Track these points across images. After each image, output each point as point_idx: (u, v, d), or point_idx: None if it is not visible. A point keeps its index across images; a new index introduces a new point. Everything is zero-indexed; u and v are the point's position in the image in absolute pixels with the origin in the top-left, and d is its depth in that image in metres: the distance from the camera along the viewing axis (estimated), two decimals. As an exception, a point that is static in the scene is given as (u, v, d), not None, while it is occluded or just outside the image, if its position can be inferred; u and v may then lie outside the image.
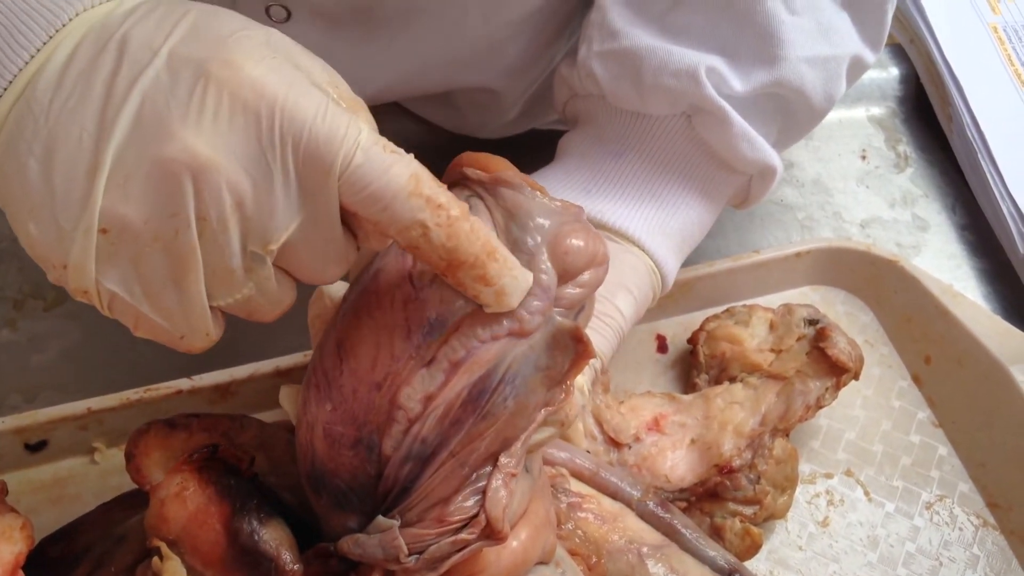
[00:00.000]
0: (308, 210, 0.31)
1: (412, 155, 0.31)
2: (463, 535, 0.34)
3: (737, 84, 0.49)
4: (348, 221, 0.32)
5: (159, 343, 0.34)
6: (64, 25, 0.30)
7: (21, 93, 0.30)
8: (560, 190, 0.52)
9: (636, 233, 0.50)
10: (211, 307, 0.32)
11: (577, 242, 0.35)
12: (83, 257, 0.30)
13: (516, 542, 0.37)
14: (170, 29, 0.30)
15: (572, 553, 0.44)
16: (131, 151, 0.29)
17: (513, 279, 0.32)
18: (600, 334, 0.49)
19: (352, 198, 0.31)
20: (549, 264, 0.34)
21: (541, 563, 0.40)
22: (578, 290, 0.35)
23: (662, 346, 0.60)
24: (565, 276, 0.35)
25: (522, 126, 0.69)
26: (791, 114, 0.52)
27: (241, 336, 0.60)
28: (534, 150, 0.69)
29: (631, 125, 0.51)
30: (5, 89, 0.30)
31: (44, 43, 0.30)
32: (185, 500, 0.39)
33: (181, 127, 0.29)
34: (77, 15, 0.31)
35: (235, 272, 0.31)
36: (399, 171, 0.30)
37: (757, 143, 0.50)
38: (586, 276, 0.36)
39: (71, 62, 0.30)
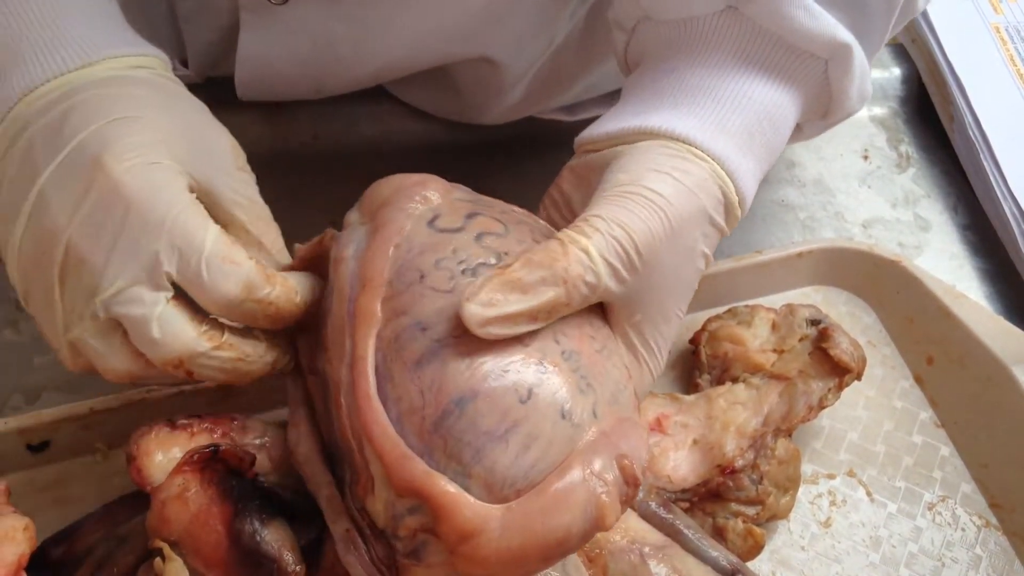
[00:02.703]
0: (144, 282, 0.38)
1: (251, 262, 0.39)
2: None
3: None
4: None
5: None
6: (36, 88, 0.39)
7: (10, 121, 0.39)
8: (612, 121, 0.46)
9: (687, 132, 0.43)
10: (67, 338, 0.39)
11: None
12: (10, 262, 0.40)
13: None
14: (94, 121, 0.38)
15: (573, 553, 0.44)
16: (33, 213, 0.38)
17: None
18: (634, 213, 0.41)
19: (196, 295, 0.38)
20: None
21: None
22: None
23: (664, 346, 0.60)
24: None
25: (523, 111, 0.69)
26: (866, 5, 0.46)
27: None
28: (534, 150, 0.69)
29: (679, 35, 0.47)
30: None
31: (18, 100, 0.39)
32: (187, 501, 0.39)
33: (57, 207, 0.38)
34: (46, 81, 0.40)
35: (83, 320, 0.39)
36: (232, 283, 0.38)
37: (816, 10, 0.44)
38: None
39: (32, 131, 0.39)
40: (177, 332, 0.38)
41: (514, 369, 0.35)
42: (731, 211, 0.44)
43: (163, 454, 0.41)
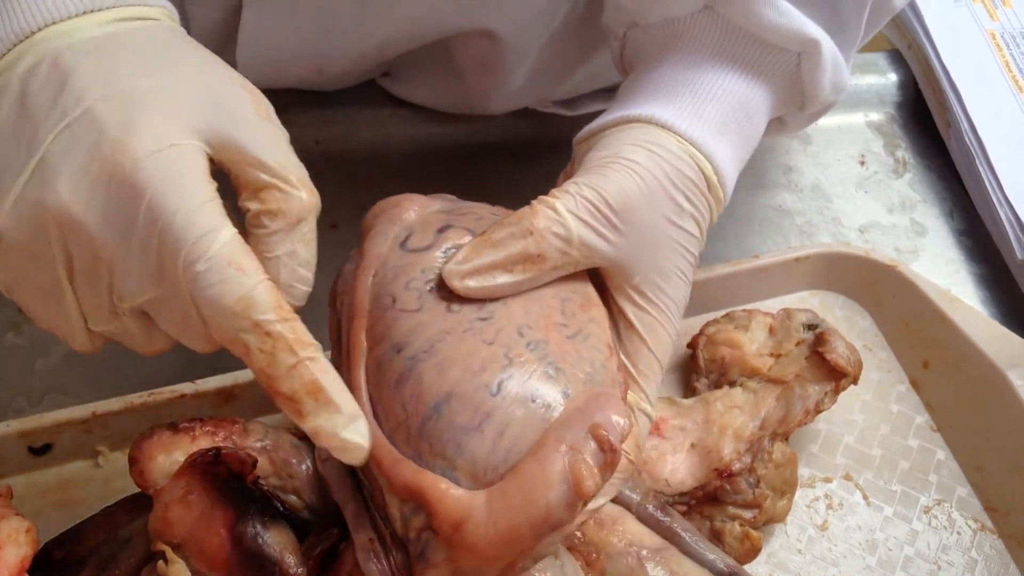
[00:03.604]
0: (164, 287, 0.34)
1: (263, 277, 0.34)
2: None
3: None
4: None
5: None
6: (33, 33, 0.35)
7: None
8: (601, 118, 0.49)
9: (665, 118, 0.46)
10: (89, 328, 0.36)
11: None
12: None
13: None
14: (108, 88, 0.34)
15: (571, 551, 0.44)
16: (30, 185, 0.33)
17: (328, 422, 0.34)
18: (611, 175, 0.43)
19: (192, 295, 0.34)
20: None
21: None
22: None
23: (662, 350, 0.60)
24: None
25: (525, 98, 0.69)
26: (837, 2, 0.48)
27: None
28: (535, 150, 0.69)
29: (663, 36, 0.50)
30: None
31: (13, 45, 0.35)
32: (189, 504, 0.39)
33: (63, 186, 0.33)
34: (45, 26, 0.35)
35: (102, 309, 0.36)
36: (230, 290, 0.33)
37: (783, 7, 0.46)
38: None
39: (26, 81, 0.34)
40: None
41: (481, 367, 0.37)
42: (713, 192, 0.46)
43: (165, 457, 0.41)
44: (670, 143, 0.45)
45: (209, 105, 0.36)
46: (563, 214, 0.41)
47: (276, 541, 0.39)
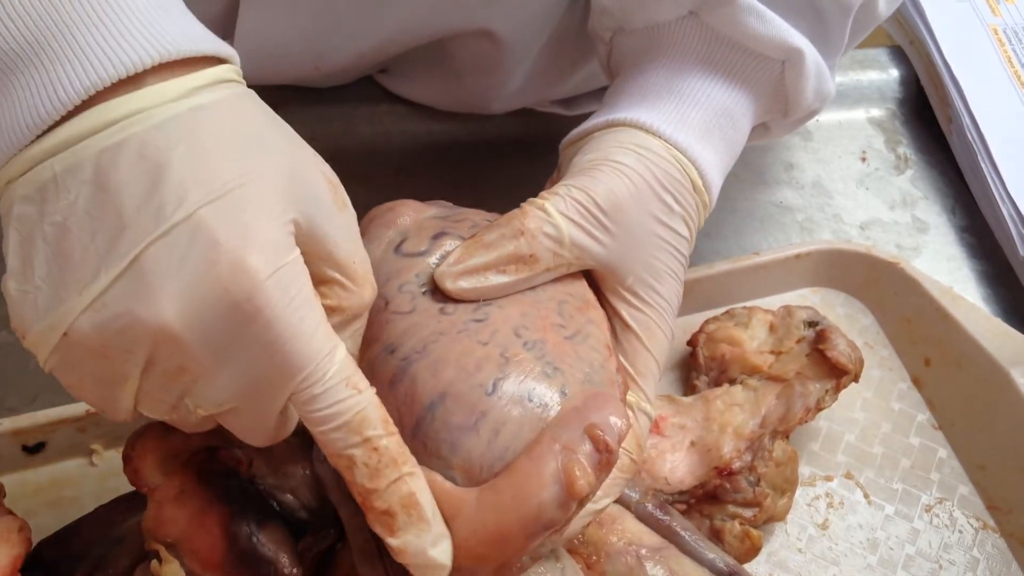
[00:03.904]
0: (251, 399, 0.33)
1: (373, 393, 0.33)
2: None
3: None
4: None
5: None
6: (102, 91, 0.30)
7: (65, 146, 0.30)
8: (587, 122, 0.49)
9: (651, 123, 0.46)
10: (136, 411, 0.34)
11: None
12: (40, 342, 0.31)
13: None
14: (210, 186, 0.30)
15: (571, 552, 0.44)
16: (117, 289, 0.30)
17: (417, 539, 0.34)
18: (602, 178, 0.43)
19: (300, 410, 0.33)
20: None
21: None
22: None
23: (662, 348, 0.60)
24: None
25: (524, 99, 0.69)
26: (820, 9, 0.49)
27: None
28: (533, 149, 0.69)
29: (648, 41, 0.50)
30: (63, 115, 0.30)
31: (80, 102, 0.30)
32: (183, 503, 0.39)
33: (168, 300, 0.30)
34: (117, 82, 0.30)
35: (165, 405, 0.34)
36: (347, 408, 0.33)
37: (768, 16, 0.47)
38: None
39: (108, 167, 0.30)
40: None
41: (476, 367, 0.37)
42: (700, 196, 0.46)
43: (160, 455, 0.40)
44: (656, 146, 0.45)
45: (299, 196, 0.33)
46: (553, 215, 0.41)
47: (271, 540, 0.39)
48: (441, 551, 0.34)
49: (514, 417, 0.36)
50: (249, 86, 0.36)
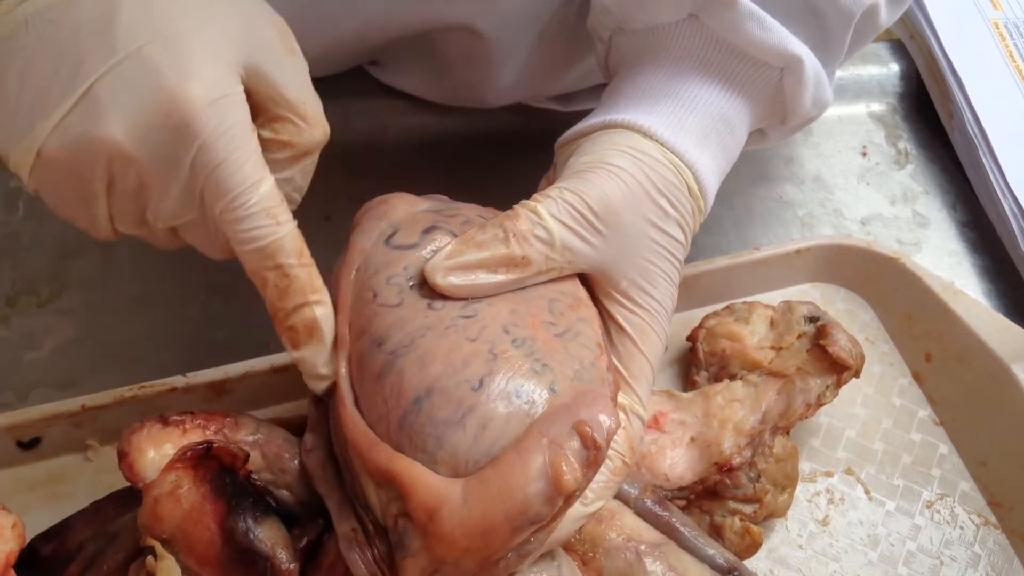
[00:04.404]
0: (199, 215, 0.38)
1: (292, 226, 0.38)
2: None
3: None
4: None
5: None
6: None
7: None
8: (583, 122, 0.49)
9: (648, 125, 0.46)
10: (114, 228, 0.39)
11: None
12: (20, 163, 0.36)
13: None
14: (157, 25, 0.35)
15: (567, 550, 0.44)
16: (75, 114, 0.35)
17: (312, 355, 0.40)
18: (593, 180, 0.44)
19: (225, 230, 0.38)
20: None
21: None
22: None
23: (661, 343, 0.60)
24: None
25: (518, 94, 0.69)
26: (820, 15, 0.49)
27: (236, 332, 0.60)
28: (529, 143, 0.69)
29: (647, 42, 0.50)
30: None
31: None
32: (179, 498, 0.38)
33: (116, 122, 0.35)
34: None
35: (133, 220, 0.39)
36: (263, 236, 0.38)
37: (769, 23, 0.47)
38: None
39: (67, 5, 0.35)
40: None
41: (463, 362, 0.37)
42: (695, 200, 0.46)
43: (155, 451, 0.40)
44: (652, 149, 0.45)
45: (245, 41, 0.37)
46: (545, 218, 0.41)
47: (268, 536, 0.38)
48: (328, 367, 0.40)
49: (501, 413, 0.36)
50: None
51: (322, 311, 0.39)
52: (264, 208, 0.37)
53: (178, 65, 0.35)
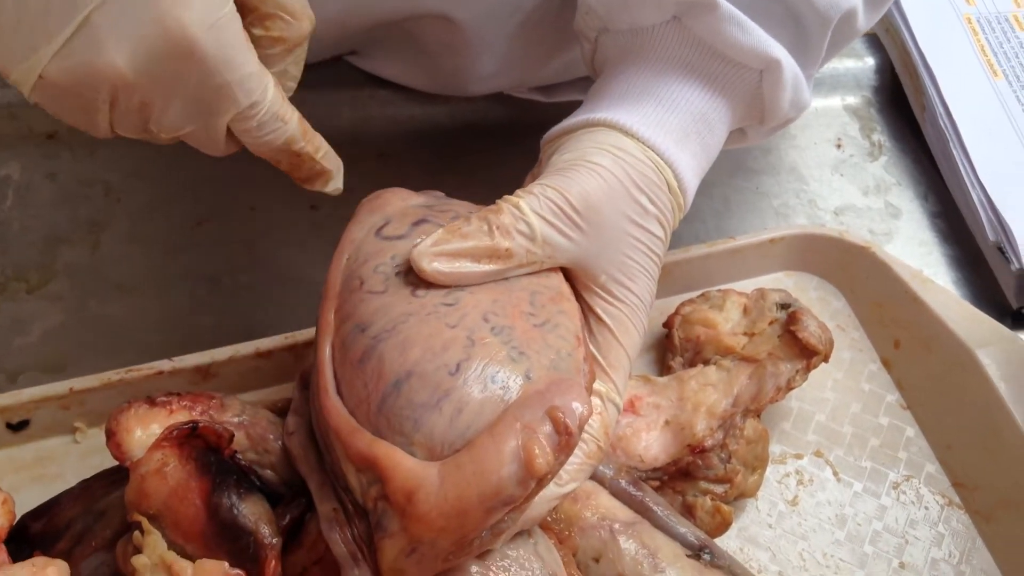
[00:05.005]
0: (201, 126, 0.41)
1: (296, 118, 0.42)
2: None
3: None
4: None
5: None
6: None
7: None
8: (567, 120, 0.50)
9: (630, 124, 0.48)
10: (114, 132, 0.41)
11: None
12: (21, 81, 0.38)
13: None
14: None
15: (543, 528, 0.45)
16: (76, 42, 0.36)
17: (335, 183, 0.47)
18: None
19: (239, 134, 0.42)
20: None
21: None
22: None
23: (638, 330, 0.61)
24: None
25: (500, 83, 0.69)
26: (800, 20, 0.50)
27: (222, 318, 0.61)
28: (514, 133, 0.70)
29: (631, 43, 0.51)
30: None
31: None
32: (165, 476, 0.39)
33: (117, 52, 0.36)
34: None
35: (136, 129, 0.41)
36: (277, 136, 0.42)
37: (749, 26, 0.48)
38: None
39: None
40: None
41: (442, 347, 0.38)
42: (675, 198, 0.47)
43: (142, 430, 0.41)
44: (633, 147, 0.47)
45: None
46: (527, 213, 0.43)
47: (251, 512, 0.39)
48: (341, 183, 0.47)
49: (476, 398, 0.37)
50: None
51: (330, 160, 0.45)
52: (272, 113, 0.41)
53: None
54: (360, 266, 0.42)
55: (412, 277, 0.41)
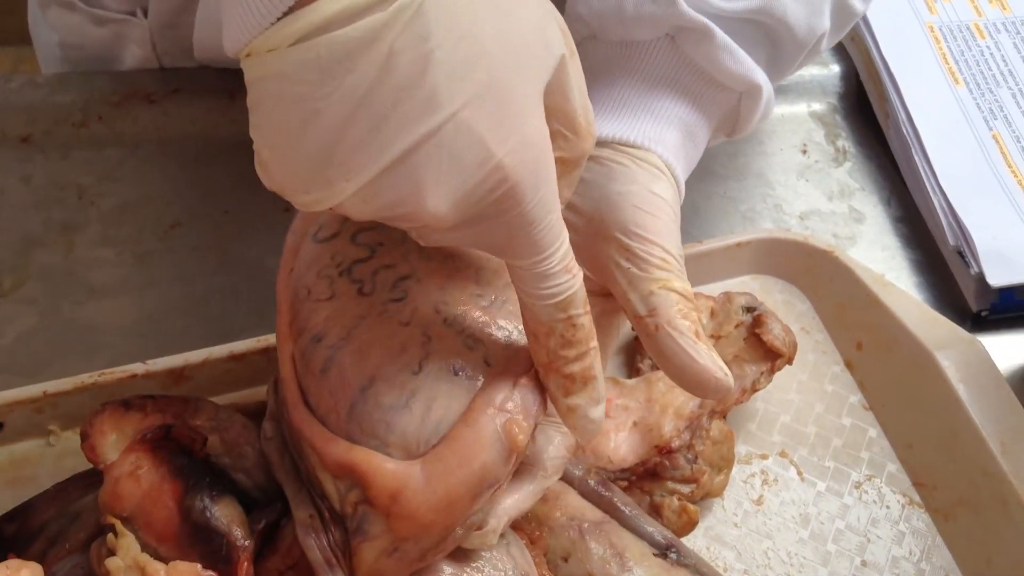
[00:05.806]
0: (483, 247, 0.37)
1: (581, 277, 0.37)
2: None
3: (720, 2, 0.49)
4: None
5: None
6: None
7: (323, 29, 0.29)
8: None
9: (640, 139, 0.48)
10: None
11: None
12: (305, 207, 0.32)
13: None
14: (473, 79, 0.31)
15: (515, 529, 0.46)
16: (387, 180, 0.31)
17: (585, 403, 0.39)
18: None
19: (522, 283, 0.37)
20: None
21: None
22: None
23: (607, 333, 0.62)
24: None
25: None
26: (778, 44, 0.52)
27: (196, 321, 0.61)
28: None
29: (620, 55, 0.52)
30: None
31: None
32: (139, 478, 0.40)
33: (441, 196, 0.32)
34: None
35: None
36: (561, 291, 0.36)
37: (739, 56, 0.50)
38: None
39: (392, 44, 0.29)
40: None
41: (400, 348, 0.39)
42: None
43: (116, 433, 0.42)
44: (654, 159, 0.48)
45: (546, 62, 0.34)
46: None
47: (224, 514, 0.40)
48: (599, 412, 0.39)
49: (443, 391, 0.38)
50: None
51: (596, 359, 0.39)
52: (564, 265, 0.36)
53: (498, 126, 0.32)
54: (304, 275, 0.43)
55: (355, 273, 0.41)
